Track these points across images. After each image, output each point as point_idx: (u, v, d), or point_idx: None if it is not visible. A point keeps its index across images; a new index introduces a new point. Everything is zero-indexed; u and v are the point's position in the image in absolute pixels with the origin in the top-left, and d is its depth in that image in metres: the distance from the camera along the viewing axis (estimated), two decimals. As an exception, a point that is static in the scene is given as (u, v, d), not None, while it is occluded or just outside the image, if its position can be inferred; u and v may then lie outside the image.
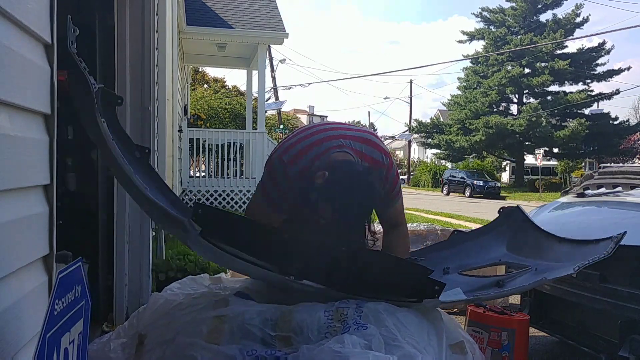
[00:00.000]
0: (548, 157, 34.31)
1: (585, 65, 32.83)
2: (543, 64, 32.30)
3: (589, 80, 33.66)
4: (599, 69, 33.29)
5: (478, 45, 42.37)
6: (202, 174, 12.86)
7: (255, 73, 11.72)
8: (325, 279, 1.92)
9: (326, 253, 1.98)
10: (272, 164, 2.18)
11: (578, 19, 32.92)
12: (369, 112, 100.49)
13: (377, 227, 4.79)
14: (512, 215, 2.70)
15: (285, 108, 28.44)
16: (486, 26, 35.41)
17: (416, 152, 55.66)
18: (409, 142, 44.98)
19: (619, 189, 3.78)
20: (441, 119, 39.63)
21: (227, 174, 10.58)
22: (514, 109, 35.18)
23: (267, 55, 17.00)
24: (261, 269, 1.90)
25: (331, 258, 1.96)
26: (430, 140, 37.01)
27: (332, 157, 2.08)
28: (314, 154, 2.10)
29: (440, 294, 1.91)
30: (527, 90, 33.63)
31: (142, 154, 2.09)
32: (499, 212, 2.77)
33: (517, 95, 34.73)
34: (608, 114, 33.20)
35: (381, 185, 2.19)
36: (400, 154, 58.03)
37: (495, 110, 34.21)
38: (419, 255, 2.68)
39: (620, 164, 23.73)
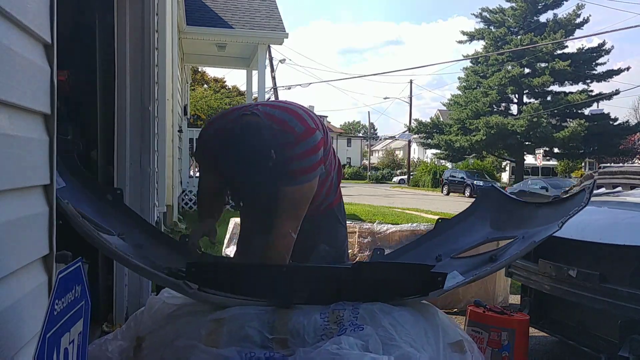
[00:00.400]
0: (548, 157, 34.31)
1: (585, 65, 32.81)
2: (543, 64, 32.30)
3: (589, 81, 33.64)
4: (599, 69, 33.30)
5: (478, 46, 42.36)
6: (202, 174, 12.82)
7: (255, 73, 11.70)
8: (332, 298, 1.95)
9: (329, 276, 2.04)
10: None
11: (578, 20, 32.93)
12: (368, 112, 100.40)
13: (377, 227, 4.79)
14: (490, 194, 2.78)
15: (285, 108, 28.36)
16: (486, 26, 35.39)
17: (416, 152, 55.67)
18: (409, 142, 44.98)
19: (619, 189, 3.78)
20: (441, 119, 39.63)
21: (227, 174, 10.54)
22: (514, 109, 35.18)
23: (267, 55, 16.97)
24: (266, 303, 1.96)
25: (334, 280, 2.01)
26: (430, 140, 37.00)
27: (239, 118, 2.07)
28: (230, 117, 2.19)
29: (444, 283, 1.96)
30: (527, 91, 33.62)
31: (114, 196, 2.17)
32: (476, 194, 2.83)
33: (517, 95, 34.72)
34: (608, 114, 33.19)
35: (283, 150, 2.03)
36: (400, 154, 58.05)
37: (495, 110, 34.20)
38: (405, 250, 2.70)
39: (620, 164, 23.72)
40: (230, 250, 4.89)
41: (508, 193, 2.77)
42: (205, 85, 31.45)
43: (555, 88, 33.41)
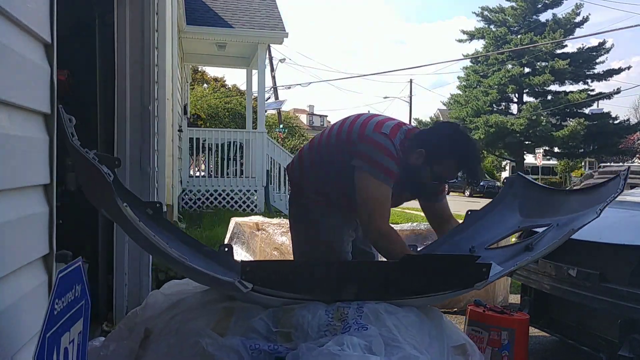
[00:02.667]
0: (548, 157, 34.29)
1: (585, 64, 32.80)
2: (543, 64, 32.28)
3: (589, 80, 33.63)
4: (599, 68, 33.29)
5: (478, 45, 42.32)
6: (202, 173, 12.89)
7: (255, 72, 11.69)
8: (381, 294, 1.95)
9: (378, 272, 2.04)
10: (383, 141, 2.26)
11: (578, 19, 32.91)
12: (368, 112, 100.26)
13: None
14: (515, 182, 2.70)
15: (285, 107, 28.39)
16: (486, 25, 35.37)
17: (416, 151, 55.53)
18: (409, 141, 44.87)
19: (619, 188, 3.78)
20: (441, 118, 39.62)
21: (227, 174, 10.59)
22: (514, 108, 35.16)
23: (267, 55, 16.98)
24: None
25: (385, 274, 2.01)
26: (430, 139, 36.89)
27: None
28: (403, 130, 2.35)
29: (489, 274, 1.94)
30: (527, 90, 33.62)
31: (154, 210, 2.14)
32: (502, 183, 2.78)
33: (517, 95, 34.70)
34: (608, 113, 33.17)
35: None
36: (400, 153, 57.90)
37: (495, 109, 34.18)
38: (438, 245, 2.64)
39: (620, 164, 23.74)
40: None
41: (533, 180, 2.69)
42: (205, 85, 31.39)
43: (555, 87, 33.41)
